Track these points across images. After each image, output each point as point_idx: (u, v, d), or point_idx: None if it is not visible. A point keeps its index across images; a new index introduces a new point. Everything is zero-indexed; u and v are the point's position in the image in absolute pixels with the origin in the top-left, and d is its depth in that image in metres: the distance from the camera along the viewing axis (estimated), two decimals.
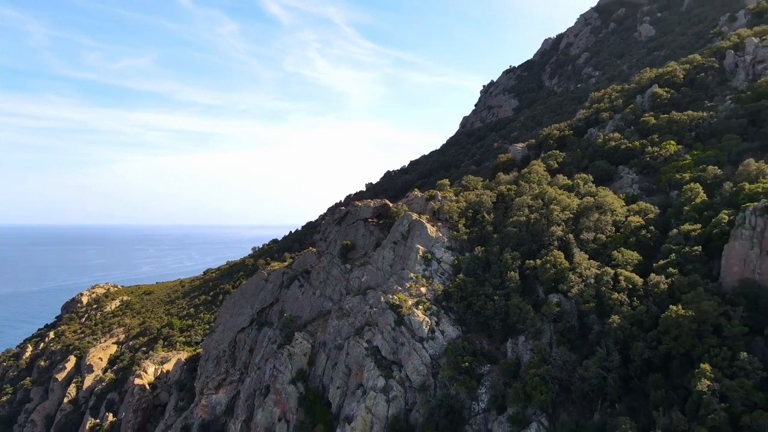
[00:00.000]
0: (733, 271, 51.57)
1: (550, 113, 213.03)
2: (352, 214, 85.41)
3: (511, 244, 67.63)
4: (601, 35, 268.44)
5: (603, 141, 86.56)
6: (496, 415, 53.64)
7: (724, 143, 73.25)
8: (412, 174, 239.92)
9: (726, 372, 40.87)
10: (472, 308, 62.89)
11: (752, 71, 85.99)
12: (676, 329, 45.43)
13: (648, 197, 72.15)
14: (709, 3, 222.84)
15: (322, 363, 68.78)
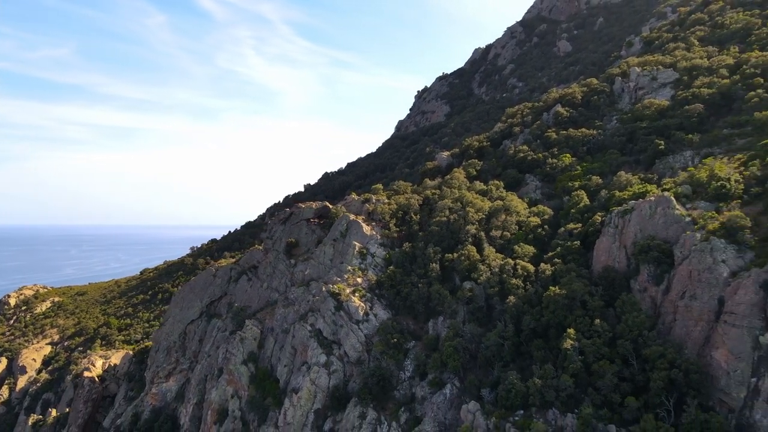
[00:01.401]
0: (600, 260, 65.97)
1: (478, 120, 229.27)
2: (296, 214, 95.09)
3: (434, 240, 79.89)
4: (525, 48, 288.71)
5: (514, 152, 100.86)
6: (419, 381, 65.47)
7: (607, 157, 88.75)
8: (349, 176, 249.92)
9: (585, 334, 54.52)
10: (400, 295, 74.51)
11: (635, 96, 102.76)
12: (554, 304, 58.95)
13: (547, 201, 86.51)
14: (617, 24, 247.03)
15: (271, 346, 78.34)
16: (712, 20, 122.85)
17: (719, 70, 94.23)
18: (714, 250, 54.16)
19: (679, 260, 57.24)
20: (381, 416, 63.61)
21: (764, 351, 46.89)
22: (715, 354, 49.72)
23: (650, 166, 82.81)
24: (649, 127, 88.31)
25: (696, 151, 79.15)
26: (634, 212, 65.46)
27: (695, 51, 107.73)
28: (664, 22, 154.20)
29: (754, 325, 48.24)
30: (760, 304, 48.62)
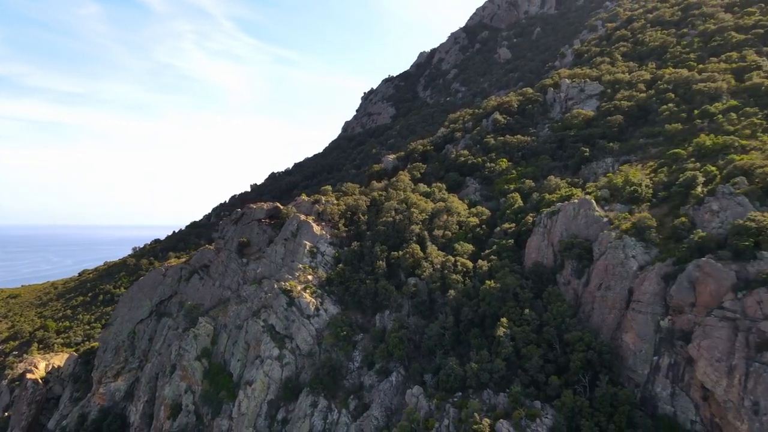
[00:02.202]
0: (531, 257, 72.94)
1: (422, 123, 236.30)
2: (247, 215, 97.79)
3: (381, 239, 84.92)
4: (468, 54, 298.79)
5: (456, 156, 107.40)
6: (367, 371, 70.29)
7: (539, 162, 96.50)
8: (296, 176, 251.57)
9: (516, 323, 60.97)
10: (349, 290, 79.07)
11: (565, 106, 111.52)
12: (490, 297, 65.22)
13: (485, 202, 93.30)
14: (553, 34, 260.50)
15: (224, 342, 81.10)
16: (635, 37, 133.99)
17: (638, 84, 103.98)
18: (626, 247, 61.81)
19: (597, 256, 64.67)
20: (331, 404, 67.99)
21: (664, 333, 54.56)
22: (625, 337, 57.16)
23: (577, 171, 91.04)
24: (577, 136, 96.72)
25: (616, 158, 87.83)
26: (560, 213, 72.81)
27: (618, 66, 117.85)
28: (593, 36, 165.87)
29: (656, 311, 55.92)
30: (661, 293, 56.37)
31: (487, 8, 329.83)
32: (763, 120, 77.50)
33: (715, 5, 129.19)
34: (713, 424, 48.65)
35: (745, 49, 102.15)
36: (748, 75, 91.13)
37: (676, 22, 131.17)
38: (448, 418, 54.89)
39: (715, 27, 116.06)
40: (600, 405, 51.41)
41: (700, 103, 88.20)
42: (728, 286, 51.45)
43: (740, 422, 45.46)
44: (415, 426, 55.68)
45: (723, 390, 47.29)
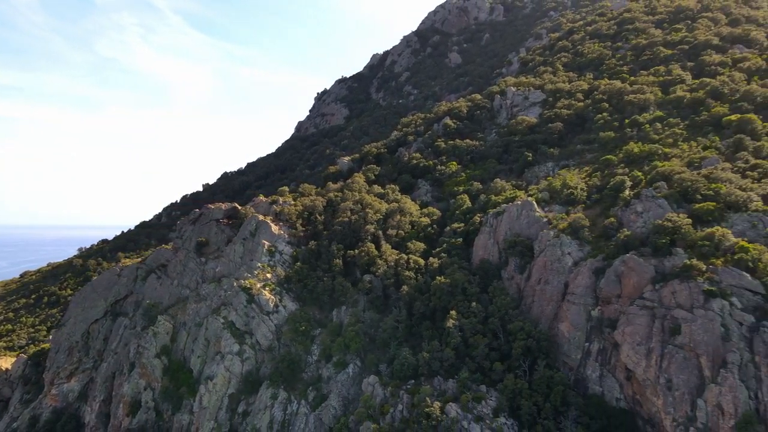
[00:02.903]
0: (478, 254, 78.49)
1: (375, 124, 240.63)
2: (205, 215, 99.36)
3: (337, 238, 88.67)
4: (419, 57, 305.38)
5: (408, 159, 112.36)
6: (325, 363, 73.92)
7: (486, 165, 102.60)
8: (250, 176, 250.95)
9: (464, 315, 66.14)
10: (307, 287, 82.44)
11: (510, 112, 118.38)
12: (440, 292, 70.19)
13: (436, 203, 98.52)
14: (501, 41, 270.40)
15: (183, 339, 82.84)
16: (575, 48, 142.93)
17: (577, 94, 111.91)
18: (562, 245, 68.05)
19: (537, 253, 70.73)
20: (291, 396, 71.25)
21: (594, 322, 60.88)
22: (561, 326, 63.23)
23: (521, 174, 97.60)
24: (521, 141, 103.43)
25: (556, 163, 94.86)
26: (505, 214, 78.70)
27: (559, 75, 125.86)
28: (538, 46, 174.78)
29: (588, 302, 62.22)
30: (592, 286, 62.75)
31: (439, 13, 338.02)
32: (684, 130, 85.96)
33: (646, 21, 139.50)
34: (635, 400, 55.09)
35: (672, 63, 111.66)
36: (673, 88, 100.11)
37: (612, 36, 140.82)
38: (402, 404, 59.36)
39: (646, 42, 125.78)
40: (538, 387, 57.06)
41: (630, 113, 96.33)
42: (648, 279, 58.16)
43: (656, 397, 51.91)
44: (371, 412, 59.90)
45: (642, 370, 53.70)
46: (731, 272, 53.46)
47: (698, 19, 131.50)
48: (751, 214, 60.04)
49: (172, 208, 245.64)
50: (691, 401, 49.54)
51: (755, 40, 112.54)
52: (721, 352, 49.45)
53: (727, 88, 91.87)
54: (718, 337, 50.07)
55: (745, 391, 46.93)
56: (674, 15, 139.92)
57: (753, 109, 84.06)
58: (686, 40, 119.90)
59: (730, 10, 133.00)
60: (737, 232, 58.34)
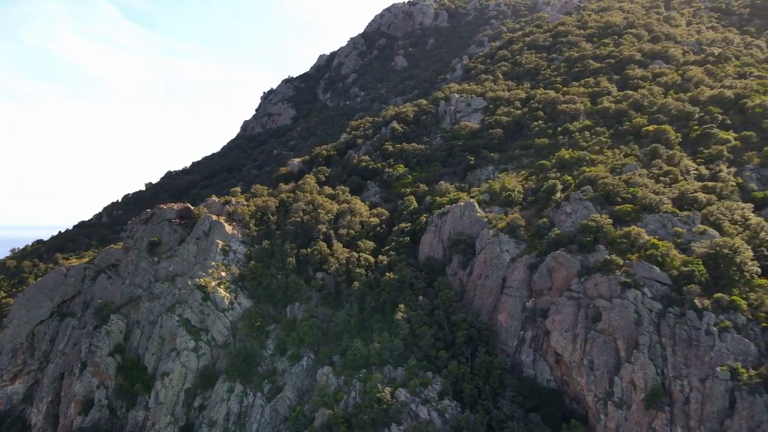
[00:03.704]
0: (424, 252, 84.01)
1: (323, 125, 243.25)
2: (157, 215, 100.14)
3: (290, 238, 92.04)
4: (366, 59, 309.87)
5: (357, 161, 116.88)
6: (280, 357, 77.38)
7: (432, 168, 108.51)
8: (195, 175, 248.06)
9: (412, 308, 71.40)
10: (261, 285, 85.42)
11: (454, 118, 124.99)
12: (389, 287, 75.22)
13: (384, 204, 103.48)
14: (445, 46, 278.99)
15: (137, 337, 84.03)
16: (514, 58, 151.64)
17: (515, 102, 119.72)
18: (501, 243, 74.45)
19: (478, 251, 76.88)
20: (247, 389, 74.28)
21: (528, 312, 67.41)
22: (499, 317, 69.49)
23: (464, 177, 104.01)
24: (464, 145, 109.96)
25: (496, 167, 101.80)
26: (449, 214, 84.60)
27: (499, 84, 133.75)
28: (479, 54, 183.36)
29: (523, 295, 68.78)
30: (527, 280, 69.35)
31: (385, 16, 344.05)
32: (609, 138, 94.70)
33: (578, 35, 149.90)
34: (563, 380, 61.87)
35: (600, 76, 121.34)
36: (601, 99, 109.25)
37: (548, 47, 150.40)
38: (355, 391, 63.87)
39: (578, 55, 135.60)
40: (478, 371, 62.98)
41: (563, 122, 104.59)
42: (575, 273, 65.19)
43: (581, 377, 58.76)
44: (326, 399, 64.09)
45: (569, 353, 60.50)
46: (644, 266, 61.09)
47: (624, 35, 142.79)
48: (662, 215, 68.27)
49: (114, 207, 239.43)
50: (609, 379, 56.61)
51: (673, 56, 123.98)
52: (634, 335, 56.74)
53: (646, 101, 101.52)
54: (632, 322, 57.38)
55: (653, 368, 54.28)
56: (603, 30, 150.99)
57: (668, 120, 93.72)
58: (613, 54, 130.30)
59: (652, 28, 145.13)
60: (650, 230, 66.29)
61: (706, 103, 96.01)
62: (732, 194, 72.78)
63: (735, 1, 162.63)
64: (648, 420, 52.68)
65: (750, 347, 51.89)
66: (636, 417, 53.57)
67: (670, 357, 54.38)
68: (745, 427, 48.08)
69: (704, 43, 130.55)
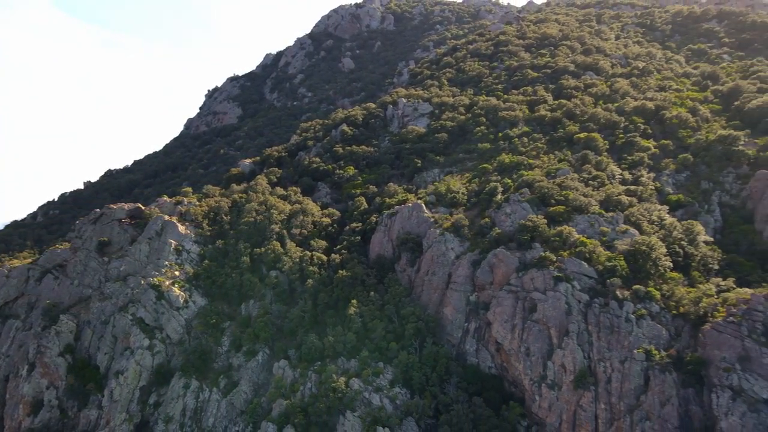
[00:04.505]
0: (375, 250, 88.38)
1: (270, 126, 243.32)
2: (107, 215, 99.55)
3: (244, 237, 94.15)
4: (313, 60, 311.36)
5: (308, 163, 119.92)
6: (235, 353, 79.68)
7: (381, 170, 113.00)
8: (137, 174, 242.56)
9: (364, 303, 75.62)
10: (216, 284, 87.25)
11: (402, 122, 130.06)
12: (342, 284, 79.17)
13: (335, 204, 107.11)
14: (392, 49, 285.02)
15: (88, 337, 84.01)
16: (458, 65, 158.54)
17: (459, 107, 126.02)
18: (446, 242, 79.79)
19: (425, 249, 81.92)
20: (203, 384, 76.24)
21: (472, 305, 72.94)
22: (445, 310, 74.71)
23: (411, 179, 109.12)
24: (411, 149, 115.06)
25: (441, 169, 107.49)
26: (398, 214, 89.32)
27: (444, 90, 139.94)
28: (425, 59, 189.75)
29: (467, 289, 74.29)
30: (470, 275, 74.92)
31: (332, 17, 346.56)
32: (545, 144, 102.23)
33: (518, 45, 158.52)
34: (502, 367, 67.66)
35: (537, 85, 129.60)
36: (537, 107, 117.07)
37: (489, 56, 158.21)
38: (311, 382, 67.44)
39: (517, 64, 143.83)
40: (426, 360, 67.88)
41: (503, 128, 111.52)
42: (513, 269, 71.24)
43: (518, 363, 64.67)
44: (283, 391, 67.32)
45: (508, 342, 66.34)
46: (573, 261, 67.82)
47: (559, 46, 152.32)
48: (590, 216, 75.54)
49: (49, 206, 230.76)
50: (543, 363, 62.78)
51: (602, 68, 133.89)
52: (565, 324, 63.18)
53: (578, 110, 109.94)
54: (563, 312, 63.83)
55: (581, 353, 60.82)
56: (540, 41, 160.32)
57: (597, 129, 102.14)
58: (549, 64, 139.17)
59: (585, 40, 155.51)
60: (579, 230, 73.36)
61: (630, 113, 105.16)
62: (651, 197, 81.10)
63: (658, 18, 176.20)
64: (576, 399, 59.09)
65: (662, 332, 59.25)
66: (566, 396, 59.89)
67: (596, 342, 61.06)
68: (657, 401, 55.11)
69: (630, 56, 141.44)
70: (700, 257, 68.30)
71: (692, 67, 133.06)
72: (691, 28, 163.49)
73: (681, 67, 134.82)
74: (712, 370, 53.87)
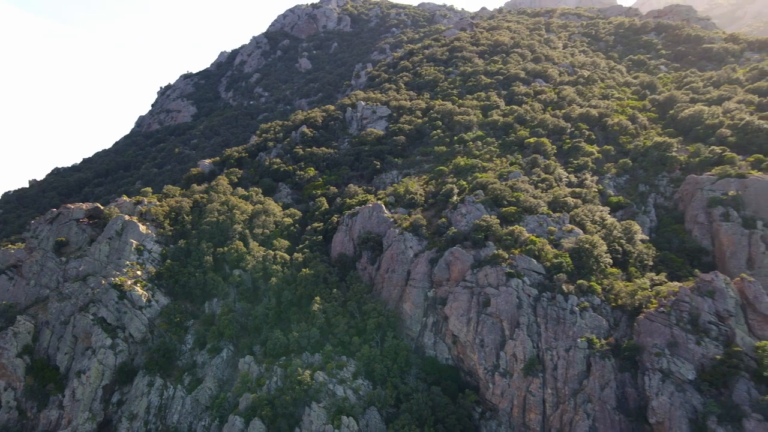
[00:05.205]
0: (337, 249, 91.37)
1: (227, 125, 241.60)
2: (64, 214, 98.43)
3: (206, 237, 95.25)
4: (270, 59, 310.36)
5: (269, 164, 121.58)
6: (199, 350, 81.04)
7: (341, 171, 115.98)
8: (87, 172, 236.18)
9: (327, 300, 78.56)
10: (179, 283, 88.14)
11: (361, 124, 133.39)
12: (305, 281, 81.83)
13: (296, 205, 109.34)
14: (348, 51, 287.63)
15: (47, 337, 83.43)
16: (414, 69, 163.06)
17: (416, 111, 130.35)
18: (405, 240, 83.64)
19: (385, 247, 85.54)
20: (167, 382, 77.30)
21: (430, 301, 77.02)
22: (404, 306, 78.54)
23: (371, 180, 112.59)
24: (370, 151, 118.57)
25: (400, 171, 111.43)
26: (358, 214, 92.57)
27: (402, 93, 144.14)
28: (382, 62, 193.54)
29: (425, 286, 78.32)
30: (428, 272, 79.02)
31: (288, 17, 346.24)
32: (498, 148, 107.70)
33: (472, 51, 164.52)
34: (459, 358, 71.98)
35: (490, 90, 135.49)
36: (491, 112, 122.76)
37: (445, 61, 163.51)
38: (276, 376, 69.88)
39: (471, 70, 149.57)
40: (387, 353, 71.49)
41: (458, 131, 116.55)
42: (469, 266, 75.78)
43: (473, 354, 69.11)
44: (249, 385, 69.47)
45: (464, 334, 70.70)
46: (524, 259, 72.91)
47: (511, 54, 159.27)
48: (539, 216, 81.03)
49: None
50: (496, 354, 67.44)
51: (551, 76, 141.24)
52: (516, 316, 68.07)
53: (528, 116, 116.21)
54: (515, 306, 68.71)
55: (530, 343, 65.80)
56: (493, 47, 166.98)
57: (546, 134, 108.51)
58: (501, 71, 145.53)
59: (535, 49, 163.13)
60: (529, 229, 78.67)
61: (576, 119, 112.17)
62: (594, 199, 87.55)
63: (602, 29, 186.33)
64: (526, 385, 63.99)
65: (602, 322, 64.93)
66: (517, 383, 64.72)
67: (543, 333, 66.21)
68: (597, 385, 60.56)
69: (576, 65, 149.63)
70: (637, 254, 74.73)
71: (632, 76, 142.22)
72: (632, 40, 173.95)
73: (622, 76, 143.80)
74: (645, 355, 59.70)
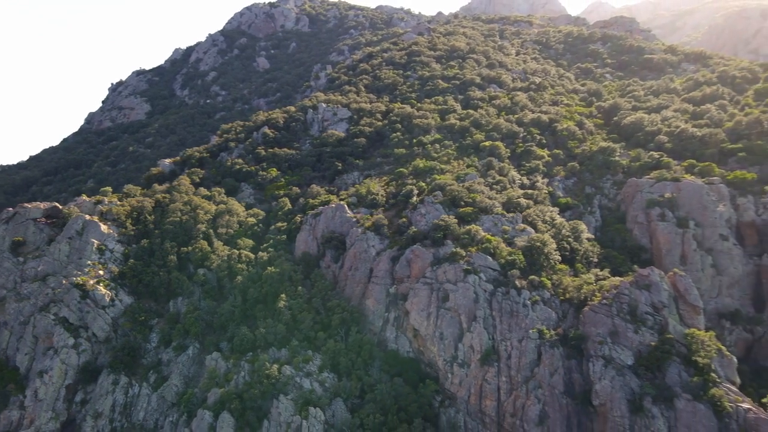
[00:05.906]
0: (301, 248, 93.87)
1: (183, 123, 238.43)
2: (21, 214, 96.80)
3: (170, 237, 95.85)
4: (226, 58, 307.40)
5: (231, 164, 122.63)
6: (165, 349, 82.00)
7: (303, 172, 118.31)
8: (35, 170, 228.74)
9: (292, 297, 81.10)
10: (142, 282, 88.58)
11: (322, 126, 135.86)
12: (270, 279, 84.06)
13: (259, 205, 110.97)
14: (307, 51, 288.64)
15: (5, 338, 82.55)
16: (374, 72, 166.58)
17: (376, 114, 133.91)
18: (368, 239, 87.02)
19: (348, 246, 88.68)
20: (132, 380, 78.02)
21: (392, 297, 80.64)
22: (367, 302, 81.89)
23: (332, 181, 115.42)
24: (332, 152, 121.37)
25: (361, 172, 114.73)
26: (322, 214, 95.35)
27: (362, 96, 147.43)
28: (342, 64, 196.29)
29: (387, 283, 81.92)
30: (390, 270, 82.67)
31: (245, 15, 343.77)
32: (455, 151, 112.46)
33: (429, 56, 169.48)
34: (419, 351, 75.85)
35: (447, 95, 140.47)
36: (448, 116, 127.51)
37: (403, 65, 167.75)
38: (244, 371, 72.01)
39: (429, 74, 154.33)
40: (351, 347, 74.72)
41: (417, 134, 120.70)
42: (428, 263, 79.81)
43: (433, 346, 73.11)
44: (217, 380, 71.30)
45: (425, 328, 74.61)
46: (480, 256, 77.52)
47: (467, 59, 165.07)
48: (494, 216, 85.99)
49: None
50: (454, 345, 71.63)
51: (505, 82, 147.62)
52: (473, 310, 72.50)
53: (484, 120, 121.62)
54: (472, 300, 73.15)
55: (486, 335, 70.34)
56: (450, 53, 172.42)
57: (500, 138, 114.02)
58: (458, 76, 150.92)
59: (489, 55, 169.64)
60: (485, 228, 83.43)
61: (528, 124, 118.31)
62: (544, 200, 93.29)
63: (552, 38, 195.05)
64: (482, 374, 68.42)
65: (552, 314, 70.16)
66: (474, 373, 69.10)
67: (498, 325, 70.88)
68: (547, 372, 65.59)
69: (529, 72, 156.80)
70: (583, 252, 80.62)
71: (580, 84, 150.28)
72: (580, 49, 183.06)
73: (571, 83, 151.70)
74: (590, 343, 65.10)
